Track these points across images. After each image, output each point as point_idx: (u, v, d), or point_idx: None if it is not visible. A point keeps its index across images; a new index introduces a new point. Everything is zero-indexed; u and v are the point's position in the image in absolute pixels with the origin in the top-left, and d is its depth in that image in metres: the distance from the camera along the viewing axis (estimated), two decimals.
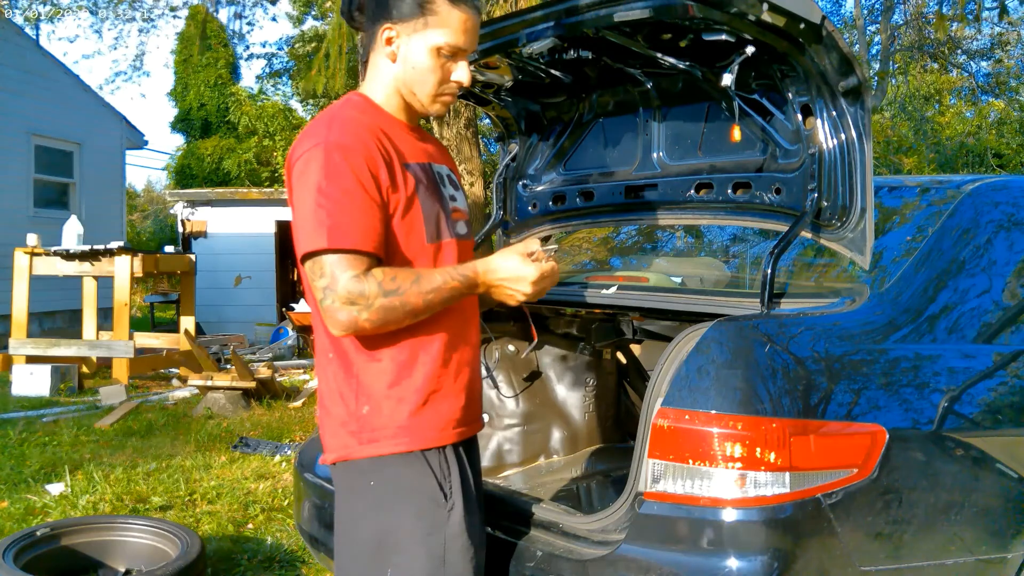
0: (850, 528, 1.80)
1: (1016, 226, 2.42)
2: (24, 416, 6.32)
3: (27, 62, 11.48)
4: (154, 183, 31.01)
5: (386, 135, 1.71)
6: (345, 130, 1.66)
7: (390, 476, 1.72)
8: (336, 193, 1.59)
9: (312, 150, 1.64)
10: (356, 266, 1.59)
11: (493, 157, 12.50)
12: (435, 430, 1.74)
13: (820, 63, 2.04)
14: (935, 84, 19.81)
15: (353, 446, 1.73)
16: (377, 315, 1.59)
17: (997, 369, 2.19)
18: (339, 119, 1.69)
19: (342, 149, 1.62)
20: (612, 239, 3.55)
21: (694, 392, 1.79)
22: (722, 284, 2.83)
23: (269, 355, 10.03)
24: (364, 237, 1.60)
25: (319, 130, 1.67)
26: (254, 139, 19.19)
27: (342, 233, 1.58)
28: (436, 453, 1.73)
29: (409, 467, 1.72)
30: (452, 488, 1.73)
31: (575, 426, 3.13)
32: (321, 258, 1.60)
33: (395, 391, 1.71)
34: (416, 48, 1.73)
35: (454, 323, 1.78)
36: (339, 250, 1.58)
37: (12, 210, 10.87)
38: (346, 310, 1.58)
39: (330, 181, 1.60)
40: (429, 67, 1.74)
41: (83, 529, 3.24)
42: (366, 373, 1.72)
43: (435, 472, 1.72)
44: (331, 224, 1.58)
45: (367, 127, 1.69)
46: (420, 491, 1.72)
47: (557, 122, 2.90)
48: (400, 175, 1.69)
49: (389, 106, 1.79)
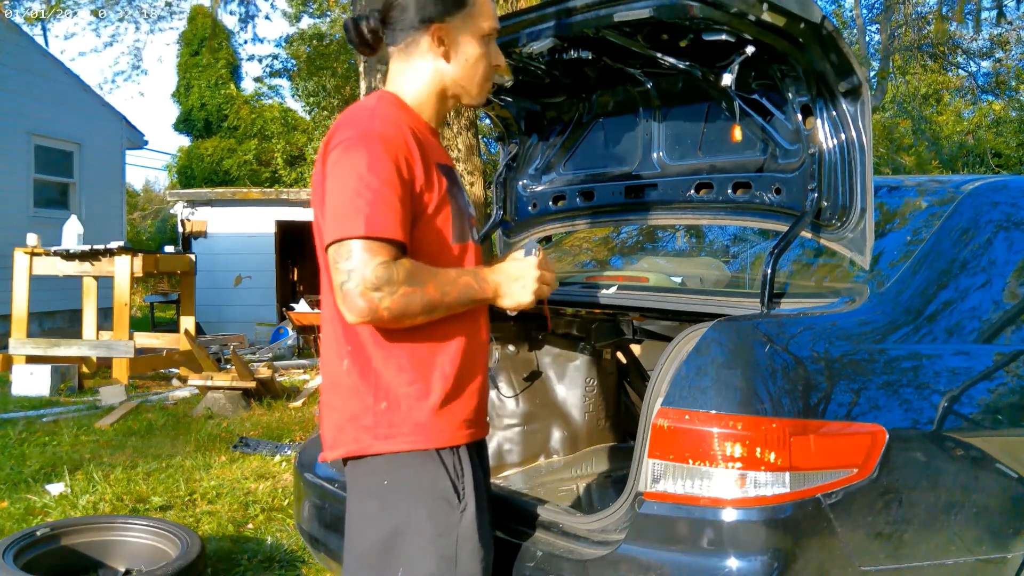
0: (850, 528, 1.80)
1: (1015, 226, 2.42)
2: (24, 416, 6.32)
3: (27, 62, 11.48)
4: (153, 183, 31.01)
5: (418, 134, 1.74)
6: (388, 123, 1.68)
7: (404, 476, 1.72)
8: (377, 183, 1.60)
9: (356, 138, 1.65)
10: (386, 254, 1.59)
11: (493, 157, 12.50)
12: (451, 429, 1.73)
13: (820, 63, 2.04)
14: (934, 84, 19.82)
15: (367, 441, 1.72)
16: (397, 303, 1.59)
17: (997, 369, 2.19)
18: (381, 112, 1.71)
19: (385, 140, 1.64)
20: (612, 239, 3.55)
21: (694, 392, 1.79)
22: (722, 284, 2.82)
23: (269, 355, 10.04)
24: (398, 228, 1.61)
25: (362, 119, 1.69)
26: (254, 140, 19.20)
27: (379, 222, 1.59)
28: (451, 453, 1.73)
29: (423, 466, 1.71)
30: (465, 489, 1.73)
31: (575, 426, 3.13)
32: (352, 242, 1.59)
33: (414, 388, 1.71)
34: (467, 40, 1.78)
35: (470, 325, 1.79)
36: (374, 237, 1.59)
37: (12, 210, 10.87)
38: (368, 295, 1.57)
39: (372, 170, 1.61)
40: (480, 55, 1.80)
41: (83, 529, 3.24)
42: (386, 368, 1.71)
43: (449, 472, 1.72)
44: (369, 212, 1.59)
45: (406, 124, 1.72)
46: (433, 491, 1.71)
47: (557, 122, 2.90)
48: (435, 174, 1.72)
49: (419, 108, 1.81)
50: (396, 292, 1.58)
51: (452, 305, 1.68)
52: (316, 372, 8.61)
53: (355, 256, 1.58)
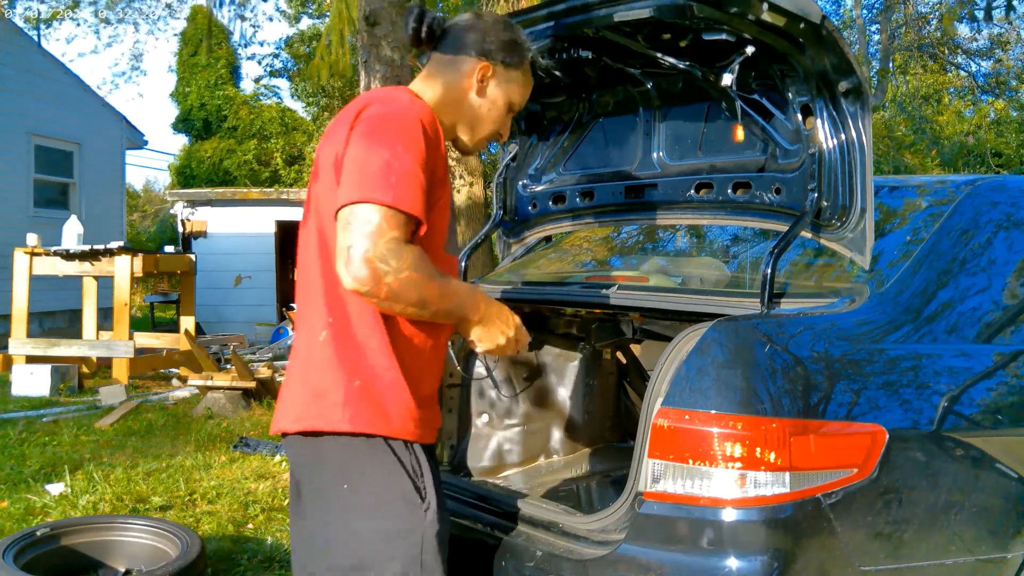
0: (850, 528, 1.80)
1: (1015, 226, 2.42)
2: (24, 416, 6.32)
3: (27, 62, 11.48)
4: (153, 183, 31.02)
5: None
6: (425, 112, 1.71)
7: (363, 471, 1.69)
8: (410, 161, 1.60)
9: (396, 114, 1.66)
10: (403, 230, 1.57)
11: (493, 157, 12.50)
12: (417, 425, 1.72)
13: (820, 63, 2.04)
14: (934, 84, 19.83)
15: (334, 417, 1.67)
16: (398, 283, 1.55)
17: (997, 369, 2.20)
18: (418, 101, 1.75)
19: (423, 125, 1.66)
20: (612, 239, 3.55)
21: (694, 392, 1.79)
22: (722, 284, 2.82)
23: (269, 355, 10.03)
24: (421, 208, 1.60)
25: (401, 100, 1.72)
26: (253, 141, 19.20)
27: (406, 197, 1.57)
28: (407, 449, 1.71)
29: (382, 460, 1.69)
30: (426, 487, 1.72)
31: (575, 426, 3.13)
32: (373, 207, 1.55)
33: (392, 374, 1.68)
34: (500, 94, 1.87)
35: (449, 329, 1.84)
36: (398, 209, 1.56)
37: (12, 210, 10.87)
38: (374, 265, 1.53)
39: (407, 148, 1.61)
40: (500, 113, 1.89)
41: (83, 529, 3.24)
42: (367, 345, 1.67)
43: (408, 471, 1.70)
44: (398, 184, 1.57)
45: (435, 117, 1.76)
46: (395, 492, 1.69)
47: (557, 122, 2.90)
48: (447, 176, 1.76)
49: (439, 115, 1.85)
50: (402, 272, 1.55)
51: (443, 310, 1.68)
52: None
53: (373, 221, 1.54)
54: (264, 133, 19.37)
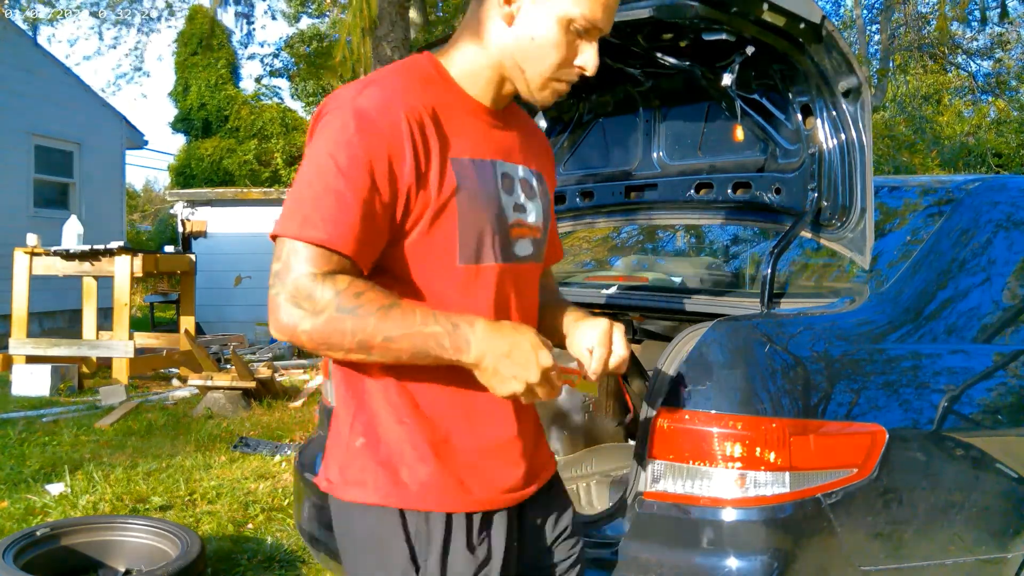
0: (850, 528, 1.80)
1: (1015, 226, 2.42)
2: (24, 416, 6.32)
3: (27, 62, 11.48)
4: (153, 183, 31.03)
5: (435, 118, 1.34)
6: (376, 99, 1.31)
7: (366, 533, 1.40)
8: (334, 175, 1.27)
9: (333, 113, 1.32)
10: (319, 264, 1.27)
11: None
12: (448, 493, 1.38)
13: (820, 63, 2.04)
14: (934, 84, 19.83)
15: (336, 482, 1.42)
16: (319, 331, 1.25)
17: (997, 369, 2.20)
18: (379, 83, 1.34)
19: (363, 122, 1.29)
20: (612, 239, 3.55)
21: (694, 392, 1.79)
22: (722, 284, 2.83)
23: (269, 355, 10.03)
24: (343, 233, 1.27)
25: (351, 90, 1.34)
26: (254, 141, 19.20)
27: (320, 223, 1.27)
28: (421, 517, 1.37)
29: (396, 526, 1.37)
30: (429, 562, 1.37)
31: (575, 426, 3.12)
32: (283, 242, 1.30)
33: (403, 429, 1.37)
34: (542, 14, 1.35)
35: None
36: (308, 241, 1.27)
37: (12, 210, 10.87)
38: (289, 309, 1.26)
39: (334, 157, 1.28)
40: (553, 41, 1.36)
41: (83, 529, 3.24)
42: (372, 395, 1.38)
43: (410, 536, 1.37)
44: (311, 210, 1.28)
45: (410, 104, 1.32)
46: (396, 557, 1.37)
47: (557, 122, 2.90)
48: (436, 172, 1.32)
49: (469, 80, 1.42)
50: (320, 316, 1.24)
51: (406, 351, 1.27)
52: (316, 372, 8.61)
53: (283, 258, 1.29)
54: (264, 133, 19.38)
